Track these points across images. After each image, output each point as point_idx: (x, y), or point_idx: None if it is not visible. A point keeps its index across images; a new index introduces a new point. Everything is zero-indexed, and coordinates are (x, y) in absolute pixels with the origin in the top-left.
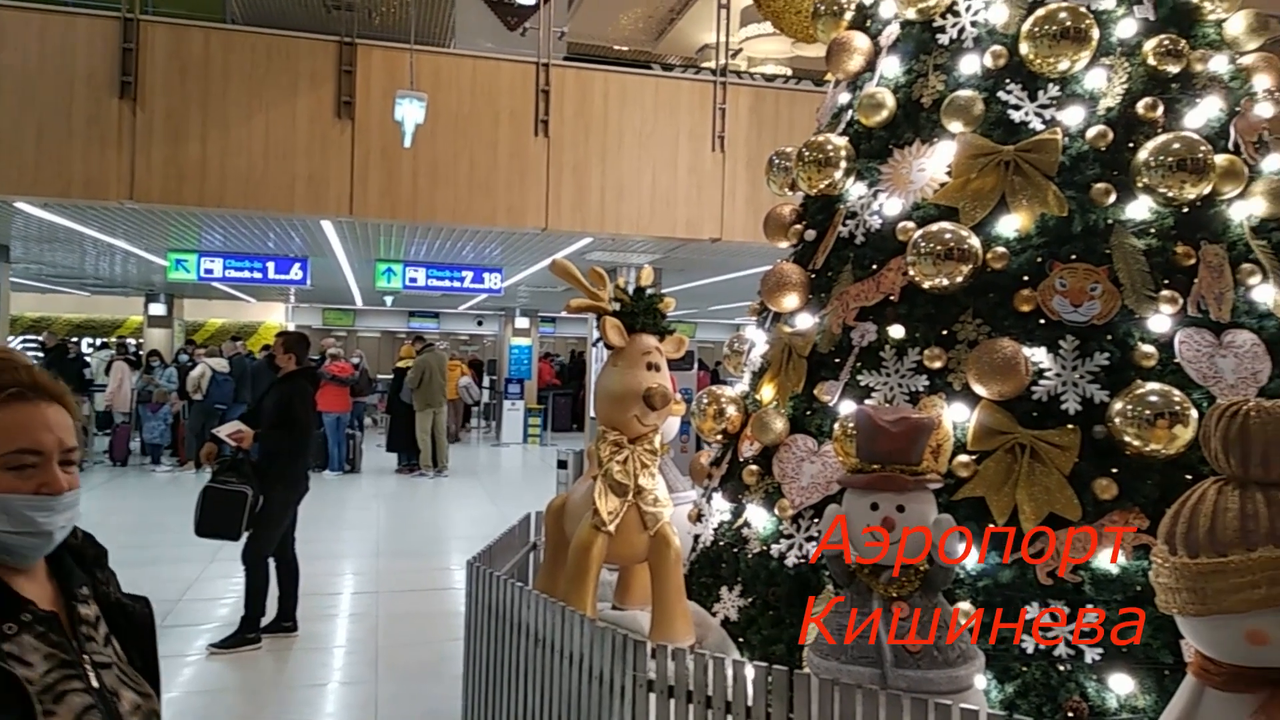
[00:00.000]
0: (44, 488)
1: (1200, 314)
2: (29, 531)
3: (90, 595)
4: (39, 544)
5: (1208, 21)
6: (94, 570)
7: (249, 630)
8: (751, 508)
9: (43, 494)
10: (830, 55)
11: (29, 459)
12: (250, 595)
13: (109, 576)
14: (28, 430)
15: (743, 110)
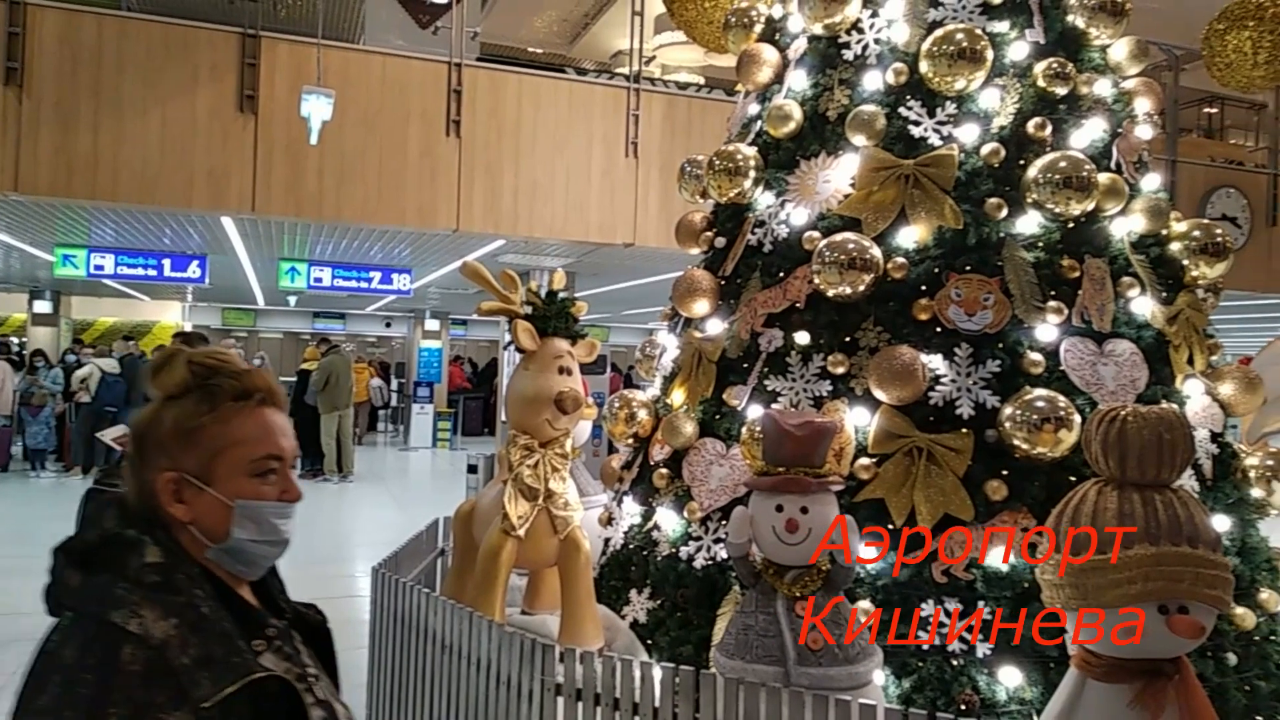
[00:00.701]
0: (285, 494)
1: (1084, 324)
2: (272, 540)
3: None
4: (277, 552)
5: (1093, 47)
6: (268, 580)
7: None
8: (661, 511)
9: (284, 500)
10: (740, 66)
11: (272, 465)
12: None
13: (281, 585)
14: (273, 437)
15: (656, 117)
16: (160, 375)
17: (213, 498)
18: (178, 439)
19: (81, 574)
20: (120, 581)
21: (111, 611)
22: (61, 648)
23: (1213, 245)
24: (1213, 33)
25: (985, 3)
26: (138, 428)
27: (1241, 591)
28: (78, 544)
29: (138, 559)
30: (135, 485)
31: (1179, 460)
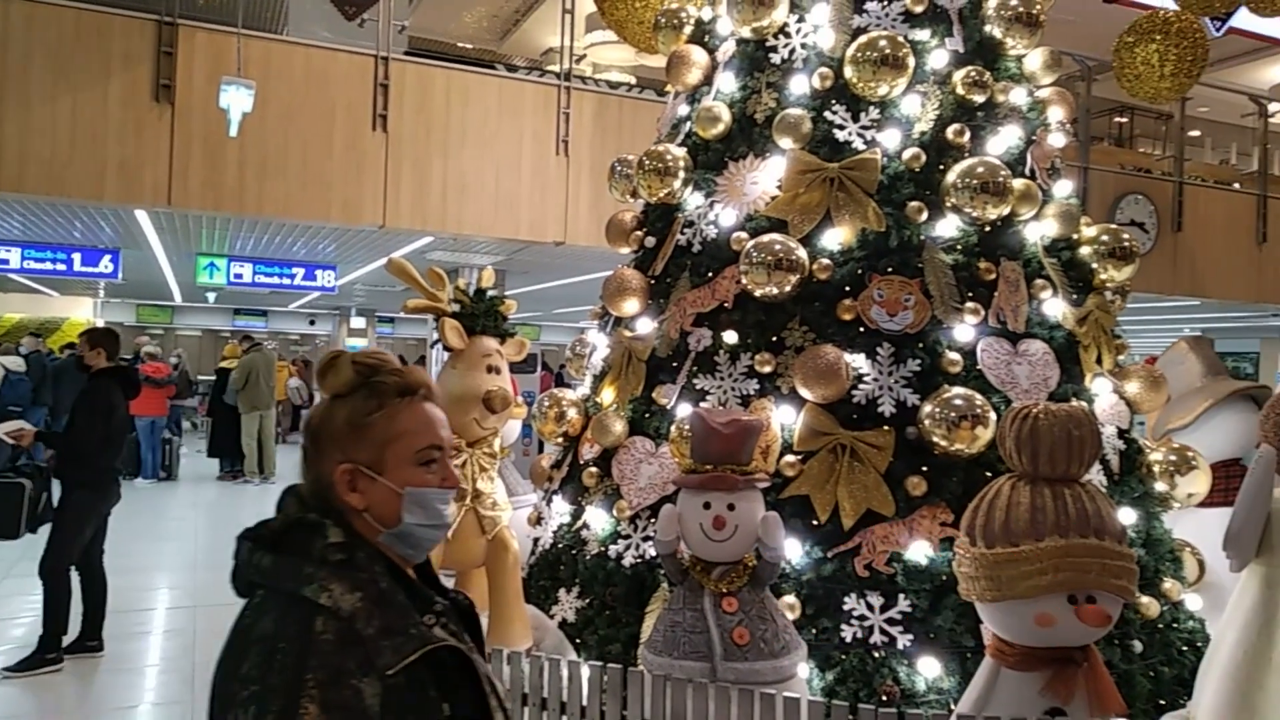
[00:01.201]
0: (445, 481)
1: (999, 325)
2: (436, 524)
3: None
4: (439, 536)
5: (1010, 56)
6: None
7: (48, 650)
8: (591, 509)
9: (445, 486)
10: (670, 67)
11: (434, 454)
12: (49, 612)
13: (433, 570)
14: (434, 428)
15: (587, 115)
16: (328, 376)
17: (384, 486)
18: (351, 433)
19: (273, 556)
20: (308, 561)
21: (304, 587)
22: (257, 622)
23: (1120, 249)
24: (1122, 45)
25: (907, 11)
26: (311, 424)
27: (1146, 581)
28: (264, 530)
29: (321, 540)
30: (311, 477)
31: (1087, 456)
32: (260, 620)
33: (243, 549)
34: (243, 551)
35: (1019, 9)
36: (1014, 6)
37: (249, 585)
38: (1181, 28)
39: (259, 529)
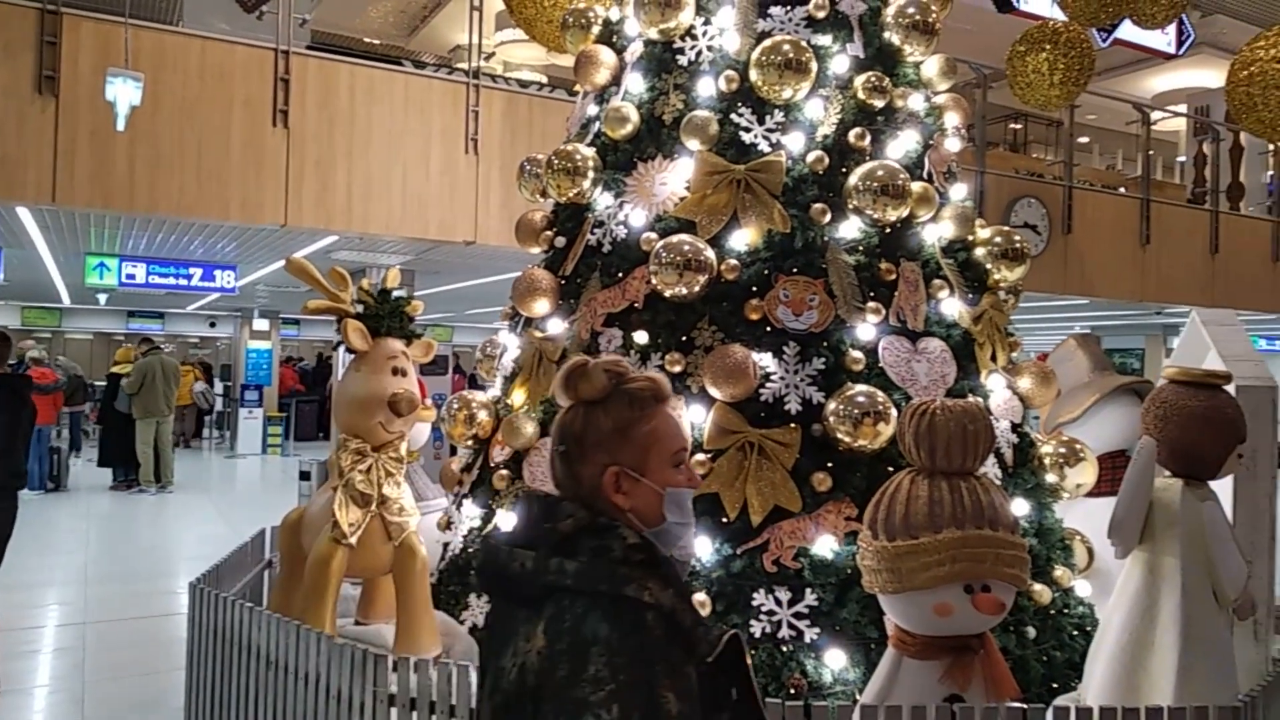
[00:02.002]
0: (691, 481)
1: (900, 324)
2: (688, 522)
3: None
4: (689, 533)
5: (908, 63)
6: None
7: None
8: (502, 513)
9: (692, 486)
10: (578, 67)
11: (684, 456)
12: None
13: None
14: (682, 432)
15: (496, 114)
16: (581, 384)
17: (647, 487)
18: (615, 437)
19: (575, 560)
20: (616, 562)
21: (625, 587)
22: (582, 624)
23: (1012, 250)
24: (1015, 54)
25: (810, 17)
26: (573, 430)
27: (1039, 569)
28: (551, 536)
29: (620, 542)
30: (573, 480)
31: (982, 450)
32: (585, 623)
33: (517, 557)
34: (519, 559)
35: (916, 17)
36: (911, 14)
37: (545, 589)
38: (1070, 38)
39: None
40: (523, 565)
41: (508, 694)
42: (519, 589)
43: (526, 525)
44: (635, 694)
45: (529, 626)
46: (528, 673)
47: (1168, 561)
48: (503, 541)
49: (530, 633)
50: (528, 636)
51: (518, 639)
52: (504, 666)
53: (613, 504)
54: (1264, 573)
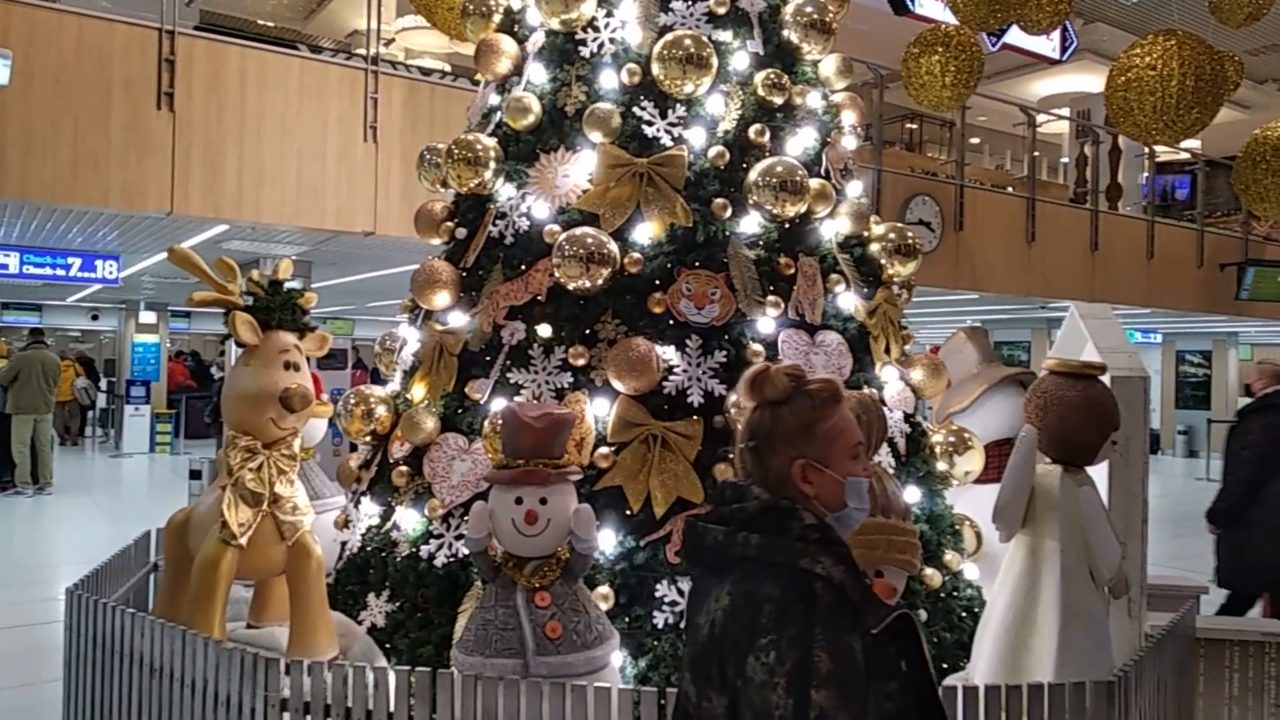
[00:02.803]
0: (864, 471)
1: (798, 317)
2: (864, 508)
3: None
4: (864, 519)
5: (806, 61)
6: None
7: None
8: (401, 510)
9: (867, 476)
10: (479, 56)
11: (860, 449)
12: None
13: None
14: (857, 427)
15: (396, 102)
16: (765, 386)
17: (830, 477)
18: (802, 433)
19: (759, 535)
20: (793, 539)
21: (799, 559)
22: (759, 588)
23: (905, 246)
24: (909, 56)
25: (711, 12)
26: (762, 427)
27: (930, 554)
28: (739, 515)
29: (798, 522)
30: (762, 471)
31: (875, 439)
32: (761, 586)
33: (710, 532)
34: (713, 534)
35: (814, 16)
36: (809, 13)
37: (731, 560)
38: (960, 41)
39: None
40: (715, 539)
41: (701, 646)
42: (712, 559)
43: (720, 507)
44: (791, 646)
45: (718, 590)
46: (715, 627)
47: (1048, 544)
48: (699, 520)
49: (719, 595)
50: (717, 598)
51: (710, 600)
52: (698, 623)
53: (800, 492)
54: (1136, 554)
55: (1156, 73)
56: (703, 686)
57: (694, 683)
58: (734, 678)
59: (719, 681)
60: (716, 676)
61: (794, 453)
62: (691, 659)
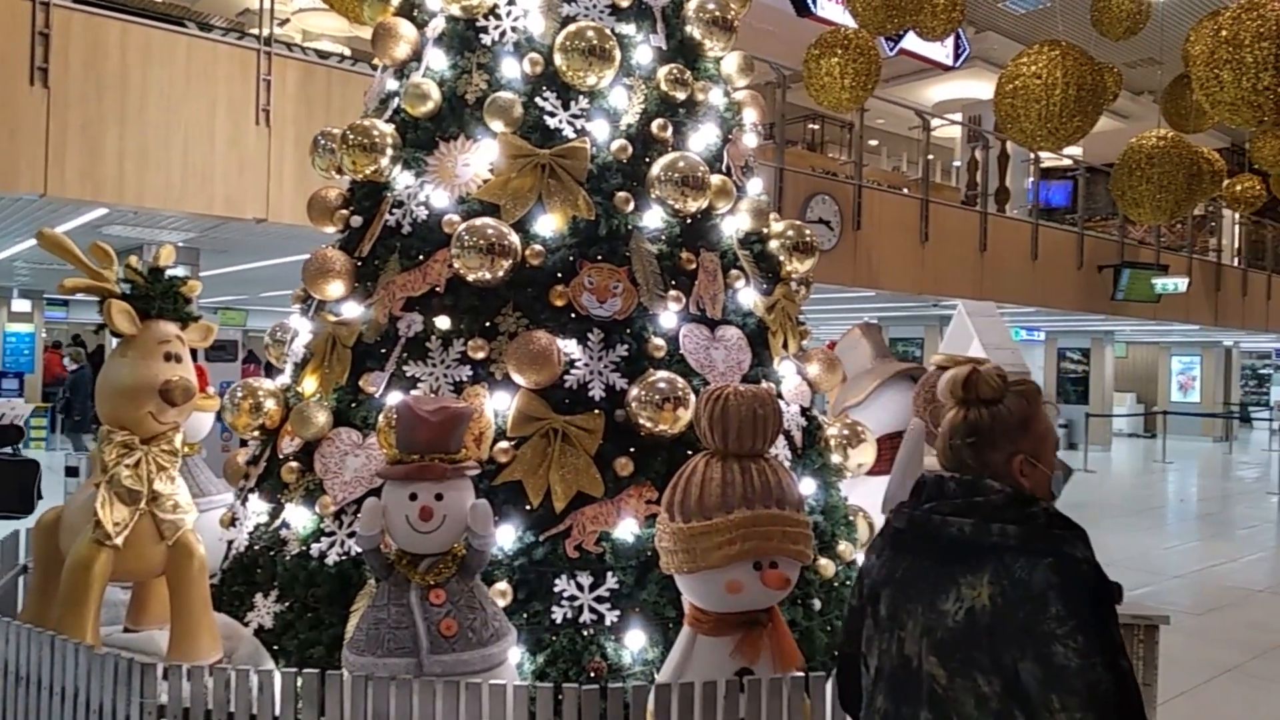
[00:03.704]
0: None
1: (699, 312)
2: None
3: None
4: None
5: (708, 58)
6: None
7: None
8: (291, 507)
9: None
10: (376, 40)
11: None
12: None
13: None
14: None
15: (291, 85)
16: (980, 387)
17: (1042, 470)
18: (1020, 429)
19: (1015, 525)
20: (1044, 527)
21: (1064, 546)
22: (1031, 578)
23: (802, 244)
24: (810, 57)
25: (614, 5)
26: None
27: (824, 545)
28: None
29: (1043, 512)
30: (982, 465)
31: (771, 432)
32: (1033, 575)
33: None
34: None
35: (716, 13)
36: (711, 10)
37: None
38: (859, 45)
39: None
40: (960, 530)
41: (954, 630)
42: (953, 549)
43: (947, 499)
44: (1098, 629)
45: (972, 577)
46: (977, 614)
47: None
48: (930, 513)
49: (974, 583)
50: (971, 586)
51: (957, 588)
52: (945, 610)
53: (1018, 484)
54: None
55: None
56: (965, 668)
57: (944, 665)
58: (1017, 658)
59: (990, 665)
60: (985, 660)
61: (1013, 448)
62: (938, 644)
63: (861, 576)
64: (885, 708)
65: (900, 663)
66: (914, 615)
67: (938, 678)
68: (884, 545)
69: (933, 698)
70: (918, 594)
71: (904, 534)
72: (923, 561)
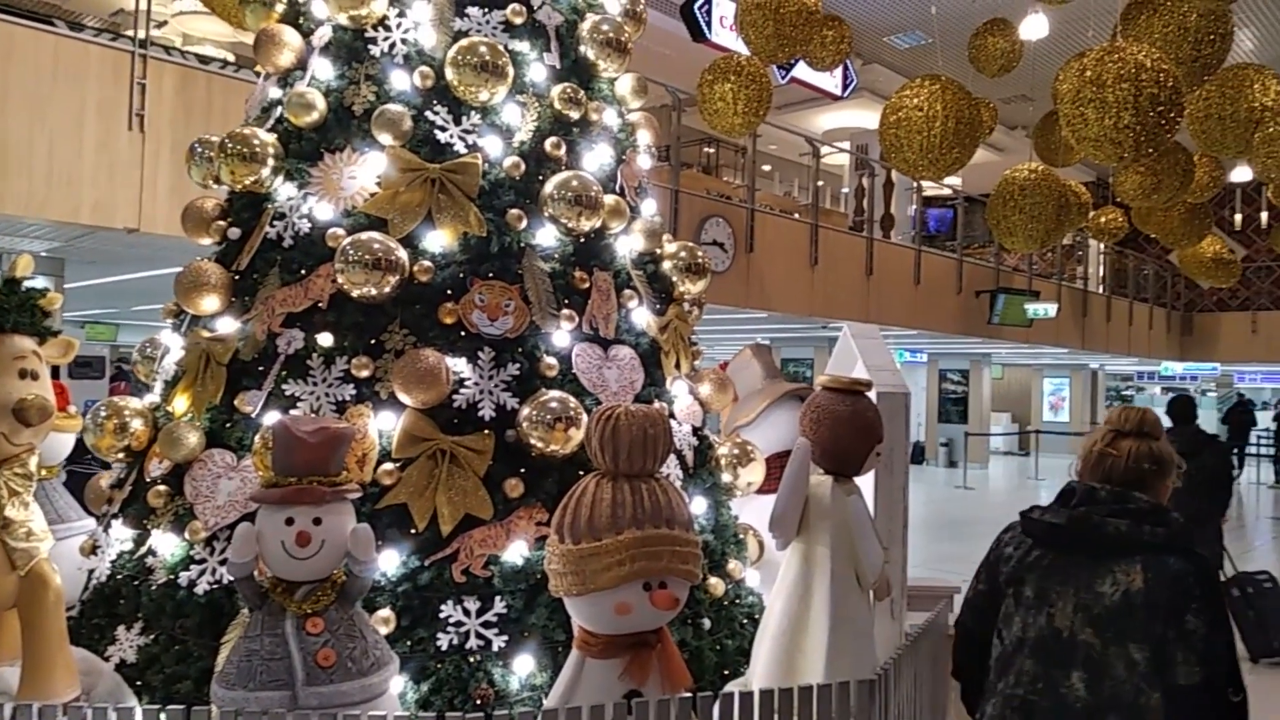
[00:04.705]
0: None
1: (592, 331)
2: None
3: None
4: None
5: (602, 78)
6: None
7: None
8: (158, 534)
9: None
10: (259, 46)
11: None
12: None
13: None
14: None
15: (168, 89)
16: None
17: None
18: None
19: (1161, 528)
20: (1179, 531)
21: (1195, 545)
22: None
23: (695, 265)
24: (704, 82)
25: (508, 22)
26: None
27: (714, 563)
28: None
29: (1175, 520)
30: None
31: (661, 452)
32: (1173, 565)
33: (1112, 524)
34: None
35: (610, 34)
36: (605, 31)
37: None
38: (752, 72)
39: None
40: (1118, 529)
41: (1111, 609)
42: (1109, 545)
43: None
44: (1211, 605)
45: (1126, 565)
46: (1133, 594)
47: (820, 550)
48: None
49: (1129, 570)
50: (1125, 573)
51: (1112, 575)
52: (1102, 592)
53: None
54: (898, 557)
55: (923, 114)
56: (1120, 639)
57: (1099, 635)
58: (1163, 630)
59: (1141, 634)
60: (1138, 630)
61: (1168, 478)
62: (1095, 619)
63: (996, 564)
64: (1033, 670)
65: (1051, 634)
66: (1065, 596)
67: (1094, 646)
68: (1023, 540)
69: (1088, 662)
70: (1070, 579)
71: (1060, 529)
72: (1072, 553)
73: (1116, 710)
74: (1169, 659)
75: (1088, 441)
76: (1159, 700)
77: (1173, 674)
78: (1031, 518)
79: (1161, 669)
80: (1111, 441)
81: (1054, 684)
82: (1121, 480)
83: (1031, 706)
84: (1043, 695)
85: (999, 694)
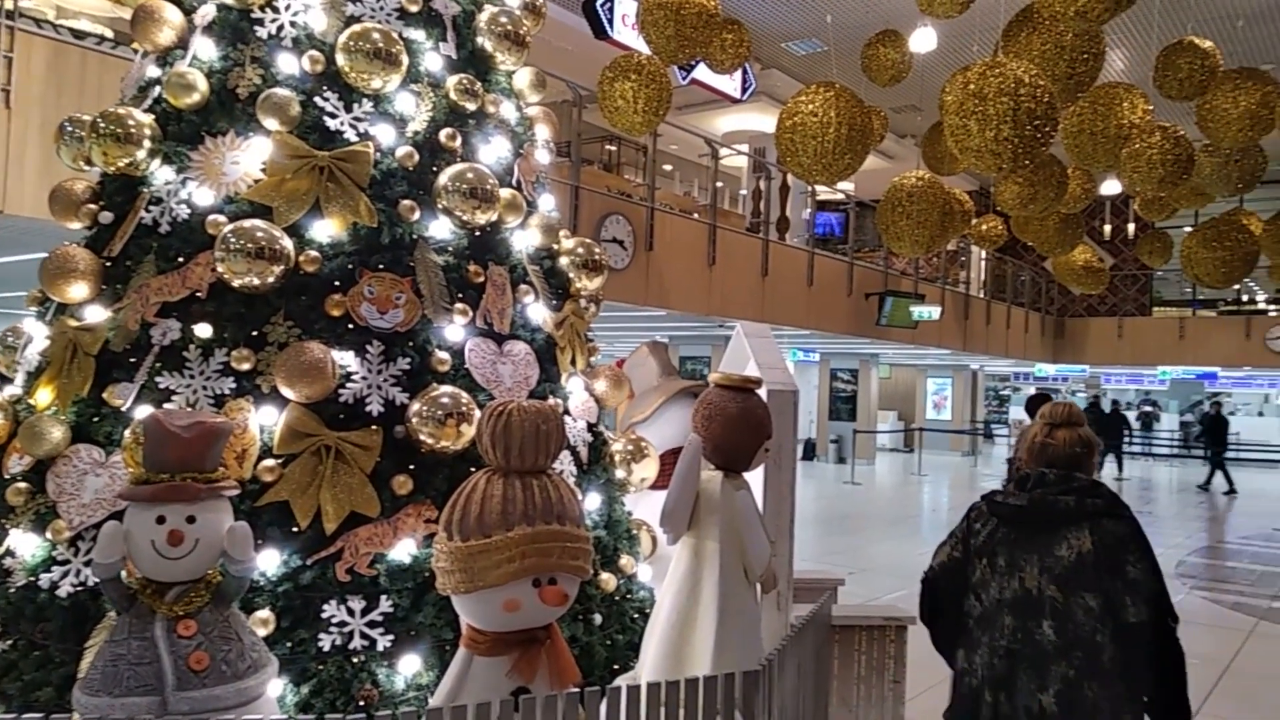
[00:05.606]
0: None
1: (486, 326)
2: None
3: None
4: None
5: (500, 71)
6: None
7: None
8: (17, 533)
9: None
10: (136, 22)
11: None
12: None
13: None
14: None
15: (38, 64)
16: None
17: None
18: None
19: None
20: (1112, 499)
21: (1126, 511)
22: (1114, 528)
23: (592, 262)
24: (605, 79)
25: (403, 9)
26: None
27: (607, 559)
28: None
29: (1108, 491)
30: (1089, 464)
31: (554, 448)
32: (1115, 527)
33: (1062, 500)
34: (1064, 501)
35: (508, 27)
36: (503, 23)
37: (1083, 513)
38: (651, 71)
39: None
40: (1068, 504)
41: (1068, 568)
42: (1062, 516)
43: (1050, 485)
44: (1145, 555)
45: (1076, 531)
46: (1084, 554)
47: (709, 545)
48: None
49: (1079, 535)
50: (1077, 537)
51: (1066, 540)
52: (1060, 555)
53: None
54: (785, 551)
55: (818, 119)
56: (1077, 591)
57: (1061, 590)
58: (1110, 580)
59: (1094, 585)
60: (1091, 581)
61: (1095, 456)
62: (1057, 577)
63: (966, 537)
64: (1012, 624)
65: (1023, 593)
66: (1031, 562)
67: (1057, 599)
68: (989, 518)
69: (1054, 612)
70: (1034, 547)
71: (1023, 509)
72: (1034, 527)
73: (1079, 647)
74: (1119, 603)
75: (1029, 434)
76: (1108, 636)
77: (1124, 614)
78: (997, 501)
79: (1113, 611)
80: (1049, 433)
81: (1030, 633)
82: (1063, 463)
83: (1015, 653)
84: (1023, 644)
85: (985, 645)
